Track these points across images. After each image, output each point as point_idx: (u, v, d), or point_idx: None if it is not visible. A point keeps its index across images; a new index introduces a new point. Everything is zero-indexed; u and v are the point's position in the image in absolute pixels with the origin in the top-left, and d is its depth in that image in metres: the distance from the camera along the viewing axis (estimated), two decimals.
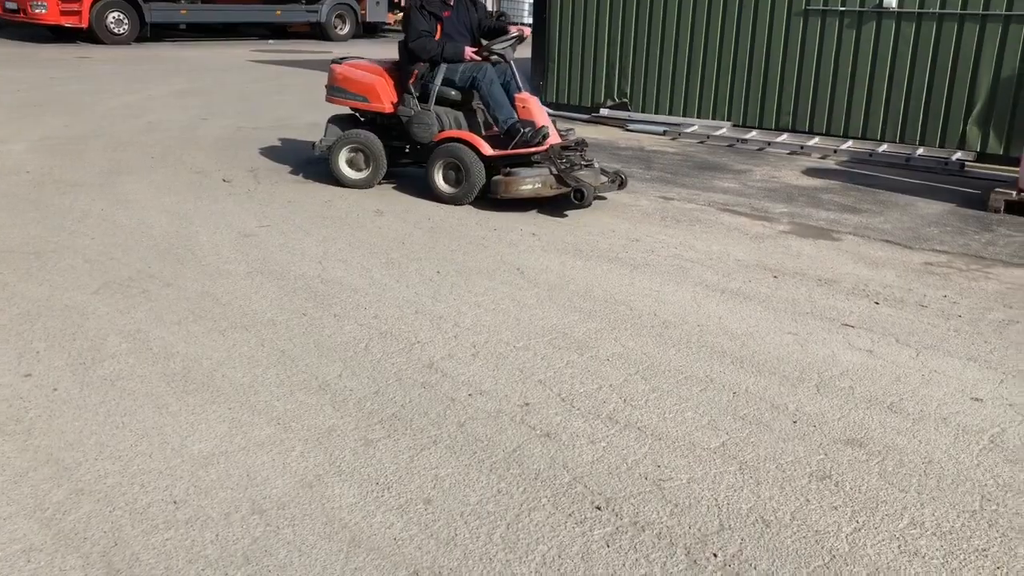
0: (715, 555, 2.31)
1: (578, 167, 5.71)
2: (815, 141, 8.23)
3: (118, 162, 6.91)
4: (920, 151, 7.72)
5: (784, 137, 8.41)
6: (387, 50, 19.58)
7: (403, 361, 3.45)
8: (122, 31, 17.61)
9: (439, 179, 5.90)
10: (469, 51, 5.87)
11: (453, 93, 5.97)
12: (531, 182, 5.53)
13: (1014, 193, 6.00)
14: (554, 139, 5.68)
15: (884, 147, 7.90)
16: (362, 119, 6.35)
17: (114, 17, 17.48)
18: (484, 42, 6.03)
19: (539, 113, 5.76)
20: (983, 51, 7.39)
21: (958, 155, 7.52)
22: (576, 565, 2.27)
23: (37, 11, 16.60)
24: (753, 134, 8.57)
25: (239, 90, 11.80)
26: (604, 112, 9.64)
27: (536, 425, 2.97)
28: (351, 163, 6.25)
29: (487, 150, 5.71)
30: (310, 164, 7.02)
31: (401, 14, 25.84)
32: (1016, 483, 2.68)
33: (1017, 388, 3.35)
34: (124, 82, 11.93)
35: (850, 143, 8.08)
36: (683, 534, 2.40)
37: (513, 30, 6.05)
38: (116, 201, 5.74)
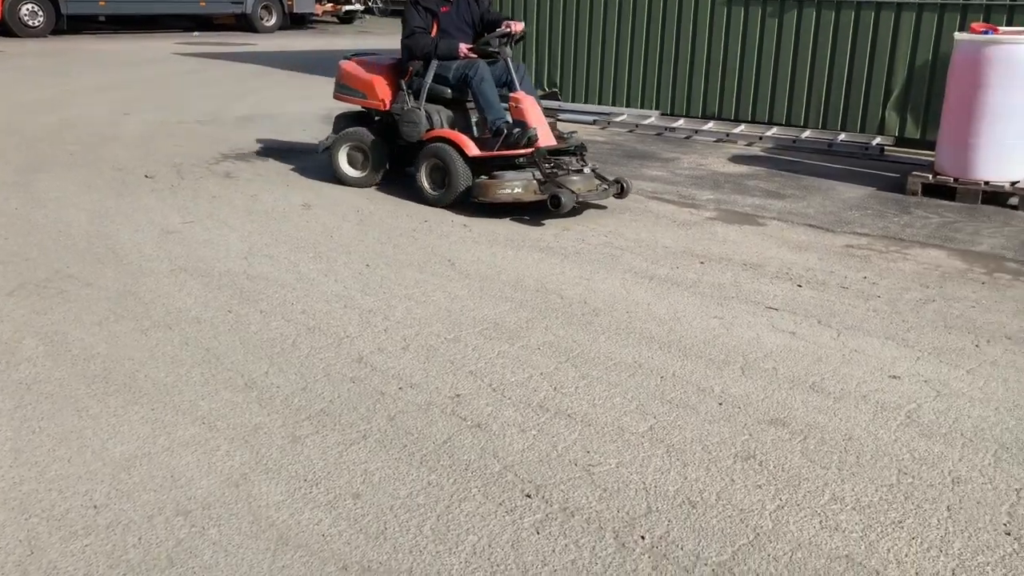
0: (643, 537, 2.34)
1: (565, 172, 5.37)
2: (741, 128, 8.37)
3: (33, 159, 6.68)
4: (842, 137, 7.92)
5: (711, 125, 8.54)
6: (316, 42, 19.32)
7: (332, 356, 3.42)
8: (37, 23, 17.03)
9: (424, 180, 5.68)
10: (463, 47, 5.69)
11: (448, 92, 5.77)
12: (511, 186, 5.26)
13: (931, 176, 6.19)
14: (545, 141, 5.37)
15: (807, 133, 8.07)
16: (376, 118, 6.12)
17: (28, 9, 16.89)
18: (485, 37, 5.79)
19: (532, 113, 5.46)
20: (899, 39, 7.61)
21: (878, 140, 7.73)
22: (506, 554, 2.27)
23: None
24: (680, 122, 8.68)
25: (162, 83, 11.51)
26: None
27: (467, 416, 2.97)
28: (351, 161, 6.11)
29: (472, 150, 5.46)
30: (235, 159, 6.90)
31: (330, 4, 25.52)
32: (931, 456, 2.78)
33: (932, 365, 3.47)
34: (39, 76, 11.54)
35: (775, 130, 8.24)
36: (612, 518, 2.42)
37: (502, 25, 5.72)
38: (31, 199, 5.56)
